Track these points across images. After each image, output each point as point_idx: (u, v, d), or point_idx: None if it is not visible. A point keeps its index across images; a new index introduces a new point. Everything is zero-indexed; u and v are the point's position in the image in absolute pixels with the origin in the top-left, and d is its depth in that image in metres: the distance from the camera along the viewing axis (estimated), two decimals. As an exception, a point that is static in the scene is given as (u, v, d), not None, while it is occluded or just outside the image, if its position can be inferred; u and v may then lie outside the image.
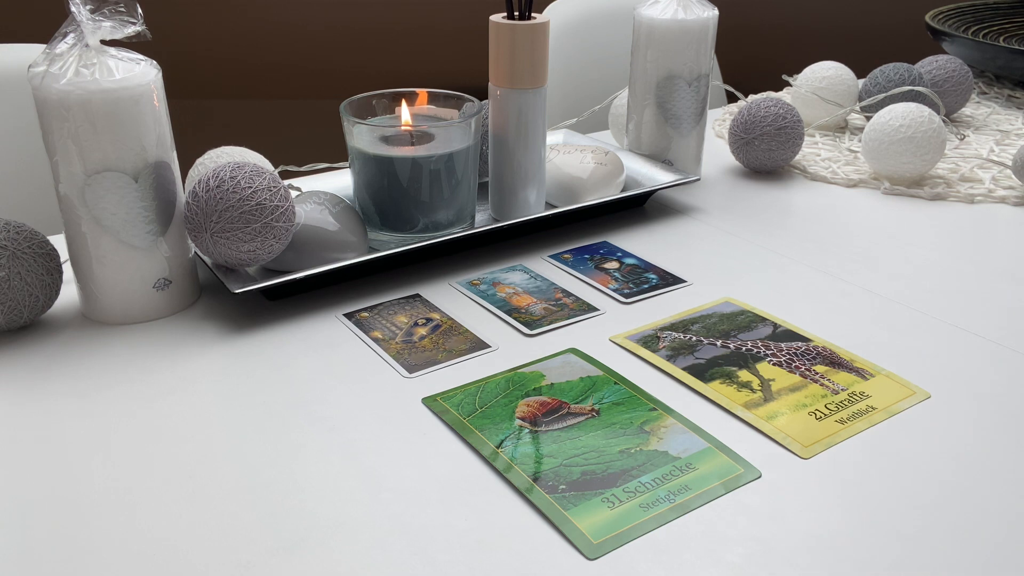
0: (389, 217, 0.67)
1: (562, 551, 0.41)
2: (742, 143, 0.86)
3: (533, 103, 0.69)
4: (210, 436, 0.49)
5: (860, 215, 0.79)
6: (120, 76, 0.54)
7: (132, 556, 0.40)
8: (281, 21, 1.65)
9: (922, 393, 0.53)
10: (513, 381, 0.54)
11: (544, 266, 0.69)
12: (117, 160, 0.55)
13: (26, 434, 0.49)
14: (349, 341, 0.58)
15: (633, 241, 0.73)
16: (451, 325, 0.60)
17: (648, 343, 0.58)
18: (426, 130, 0.68)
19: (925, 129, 0.82)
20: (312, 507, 0.43)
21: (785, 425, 0.50)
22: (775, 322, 0.60)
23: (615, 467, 0.46)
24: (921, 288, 0.65)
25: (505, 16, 0.68)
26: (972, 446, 0.48)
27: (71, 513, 0.43)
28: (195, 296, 0.63)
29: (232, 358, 0.56)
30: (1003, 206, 0.82)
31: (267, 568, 0.40)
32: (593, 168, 0.75)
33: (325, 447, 0.48)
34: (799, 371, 0.55)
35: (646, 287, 0.65)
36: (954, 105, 1.03)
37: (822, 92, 0.98)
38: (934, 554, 0.41)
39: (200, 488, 0.45)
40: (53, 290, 0.58)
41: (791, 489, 0.45)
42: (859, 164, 0.90)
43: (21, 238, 0.56)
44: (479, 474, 0.46)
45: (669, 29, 0.77)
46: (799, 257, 0.70)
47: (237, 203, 0.57)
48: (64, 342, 0.58)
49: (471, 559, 0.40)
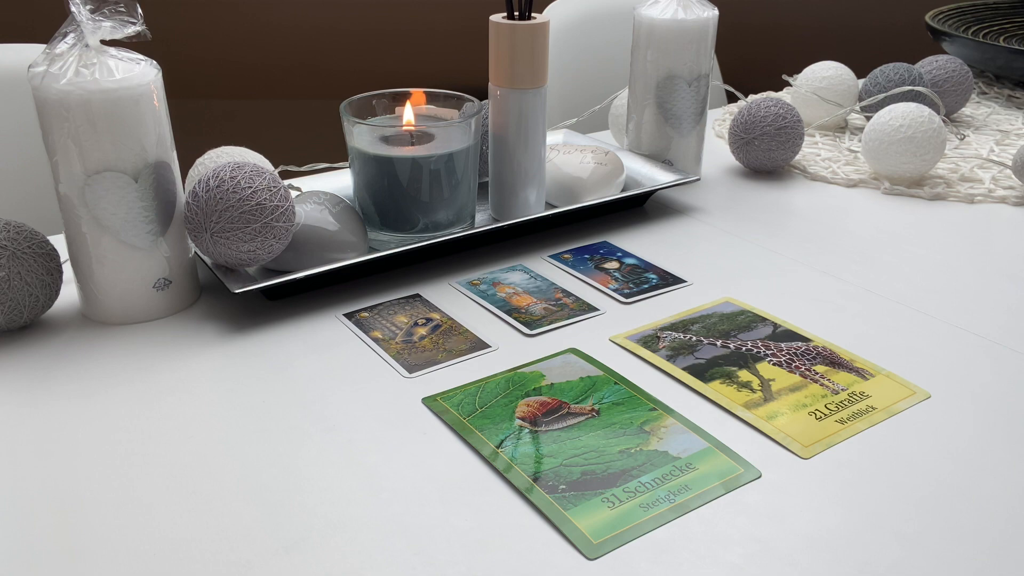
0: (389, 217, 0.67)
1: (562, 551, 0.41)
2: (742, 143, 0.86)
3: (533, 103, 0.69)
4: (210, 436, 0.49)
5: (860, 215, 0.79)
6: (120, 76, 0.54)
7: (132, 556, 0.40)
8: (281, 21, 1.65)
9: (922, 393, 0.53)
10: (513, 381, 0.54)
11: (544, 266, 0.69)
12: (117, 160, 0.55)
13: (26, 434, 0.49)
14: (349, 341, 0.58)
15: (633, 241, 0.73)
16: (451, 325, 0.60)
17: (648, 343, 0.58)
18: (426, 130, 0.68)
19: (925, 129, 0.82)
20: (312, 507, 0.43)
21: (785, 425, 0.50)
22: (775, 322, 0.60)
23: (615, 467, 0.46)
24: (921, 288, 0.65)
25: (505, 16, 0.68)
26: (972, 446, 0.48)
27: (71, 513, 0.43)
28: (195, 296, 0.63)
29: (232, 358, 0.56)
30: (1003, 206, 0.82)
31: (267, 568, 0.40)
32: (593, 168, 0.75)
33: (325, 447, 0.48)
34: (799, 371, 0.55)
35: (646, 287, 0.65)
36: (954, 105, 1.03)
37: (822, 92, 0.98)
38: (934, 554, 0.41)
39: (200, 488, 0.45)
40: (53, 290, 0.58)
41: (791, 489, 0.45)
42: (859, 164, 0.90)
43: (21, 238, 0.56)
44: (479, 474, 0.46)
45: (669, 29, 0.77)
46: (799, 257, 0.70)
47: (237, 203, 0.57)
48: (64, 342, 0.58)
49: (471, 559, 0.40)
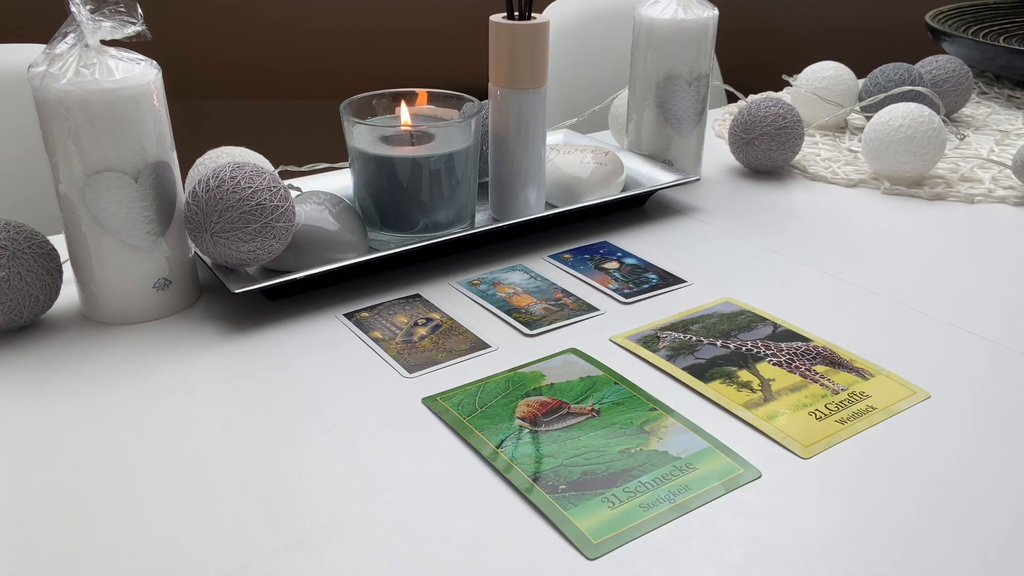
0: (389, 217, 0.67)
1: (562, 551, 0.41)
2: (742, 143, 0.86)
3: (533, 103, 0.69)
4: (210, 436, 0.49)
5: (860, 215, 0.79)
6: (120, 76, 0.54)
7: (132, 556, 0.40)
8: (281, 21, 1.65)
9: (922, 393, 0.53)
10: (513, 381, 0.54)
11: (544, 266, 0.69)
12: (117, 160, 0.55)
13: (26, 434, 0.49)
14: (349, 341, 0.58)
15: (633, 241, 0.73)
16: (451, 325, 0.60)
17: (648, 343, 0.58)
18: (426, 130, 0.68)
19: (925, 129, 0.82)
20: (312, 507, 0.43)
21: (785, 425, 0.50)
22: (775, 322, 0.60)
23: (615, 467, 0.46)
24: (921, 288, 0.65)
25: (505, 16, 0.68)
26: (972, 446, 0.48)
27: (71, 513, 0.43)
28: (195, 296, 0.63)
29: (232, 358, 0.56)
30: (1003, 206, 0.82)
31: (267, 568, 0.40)
32: (593, 168, 0.75)
33: (325, 447, 0.48)
34: (799, 371, 0.55)
35: (646, 287, 0.65)
36: (954, 105, 1.03)
37: (822, 92, 0.98)
38: (934, 554, 0.41)
39: (200, 488, 0.45)
40: (53, 290, 0.58)
41: (791, 489, 0.45)
42: (859, 164, 0.90)
43: (21, 238, 0.56)
44: (479, 474, 0.46)
45: (669, 29, 0.77)
46: (799, 257, 0.70)
47: (237, 203, 0.57)
48: (64, 342, 0.58)
49: (471, 559, 0.40)
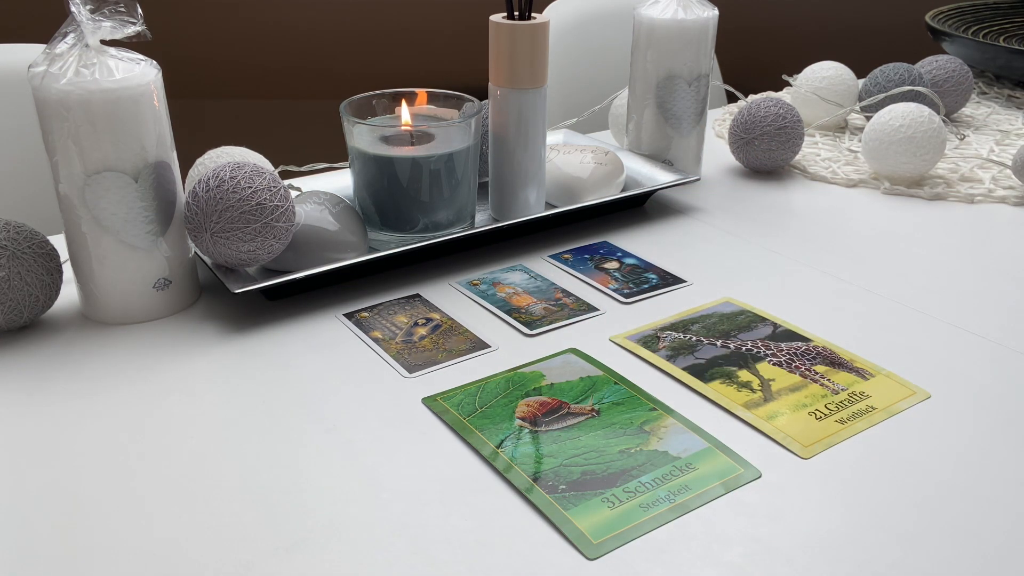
0: (389, 217, 0.67)
1: (562, 551, 0.41)
2: (742, 143, 0.86)
3: (533, 103, 0.69)
4: (210, 436, 0.49)
5: (860, 215, 0.79)
6: (120, 76, 0.54)
7: (132, 556, 0.40)
8: (281, 21, 1.65)
9: (922, 393, 0.53)
10: (513, 381, 0.54)
11: (544, 266, 0.69)
12: (117, 160, 0.55)
13: (26, 434, 0.49)
14: (349, 341, 0.58)
15: (633, 241, 0.73)
16: (451, 325, 0.60)
17: (648, 343, 0.58)
18: (426, 130, 0.68)
19: (925, 129, 0.82)
20: (312, 507, 0.43)
21: (785, 425, 0.50)
22: (775, 322, 0.60)
23: (615, 467, 0.46)
24: (921, 288, 0.65)
25: (505, 16, 0.68)
26: (972, 446, 0.48)
27: (71, 513, 0.43)
28: (195, 296, 0.63)
29: (232, 358, 0.56)
30: (1003, 206, 0.82)
31: (267, 568, 0.40)
32: (593, 168, 0.75)
33: (325, 447, 0.48)
34: (799, 371, 0.55)
35: (646, 287, 0.65)
36: (954, 105, 1.03)
37: (822, 92, 0.98)
38: (934, 554, 0.41)
39: (200, 488, 0.45)
40: (53, 290, 0.58)
41: (791, 489, 0.45)
42: (859, 164, 0.90)
43: (21, 238, 0.56)
44: (479, 474, 0.46)
45: (669, 29, 0.77)
46: (799, 257, 0.70)
47: (237, 203, 0.57)
48: (64, 342, 0.58)
49: (471, 559, 0.40)
